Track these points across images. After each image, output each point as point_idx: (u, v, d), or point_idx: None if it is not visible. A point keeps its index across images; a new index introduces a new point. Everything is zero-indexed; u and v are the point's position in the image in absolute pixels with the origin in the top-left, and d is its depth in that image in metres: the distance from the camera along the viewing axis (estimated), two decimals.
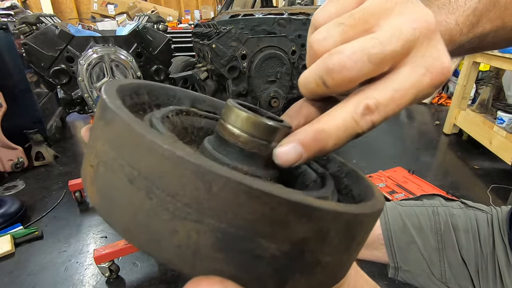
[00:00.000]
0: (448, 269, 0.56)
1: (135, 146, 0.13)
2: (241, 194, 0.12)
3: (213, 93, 1.69)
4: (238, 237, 0.12)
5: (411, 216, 0.61)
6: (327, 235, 0.13)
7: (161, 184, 0.12)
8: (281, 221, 0.12)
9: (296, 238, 0.13)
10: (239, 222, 0.12)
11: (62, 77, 1.15)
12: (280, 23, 1.61)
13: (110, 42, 1.17)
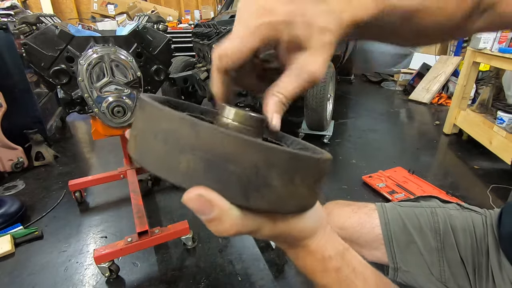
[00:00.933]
0: (448, 269, 0.57)
1: (157, 116, 0.21)
2: (216, 136, 0.19)
3: None
4: (216, 163, 0.19)
5: (411, 217, 0.61)
6: (272, 165, 0.20)
7: (171, 135, 0.20)
8: (241, 152, 0.19)
9: (250, 164, 0.19)
10: (216, 153, 0.19)
11: (62, 77, 1.15)
12: None
13: (110, 42, 1.17)
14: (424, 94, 3.66)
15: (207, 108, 0.31)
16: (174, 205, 1.75)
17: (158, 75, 1.33)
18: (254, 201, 0.20)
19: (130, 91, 1.24)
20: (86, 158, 2.44)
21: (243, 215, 0.21)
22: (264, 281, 1.23)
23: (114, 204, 1.78)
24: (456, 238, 0.57)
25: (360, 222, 0.63)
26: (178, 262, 1.34)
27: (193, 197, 0.20)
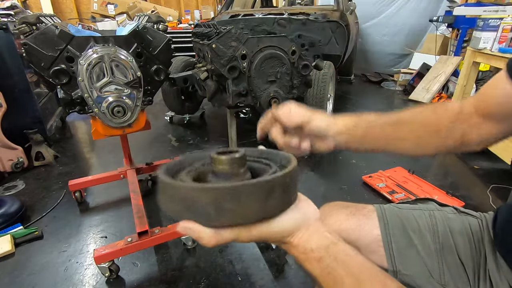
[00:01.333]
0: (447, 272, 0.56)
1: (164, 186, 0.33)
2: (184, 191, 0.31)
3: (213, 93, 1.69)
4: (189, 205, 0.30)
5: (410, 219, 0.61)
6: (221, 197, 0.29)
7: (169, 194, 0.33)
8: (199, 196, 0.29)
9: (206, 200, 0.29)
10: (188, 200, 0.30)
11: (62, 77, 1.15)
12: (280, 23, 1.61)
13: (110, 42, 1.17)
14: (424, 94, 3.66)
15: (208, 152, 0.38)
16: None
17: (158, 75, 1.33)
18: (218, 222, 0.30)
19: (130, 91, 1.24)
20: (86, 158, 2.44)
21: (215, 231, 0.30)
22: (264, 281, 1.23)
23: (114, 204, 1.78)
24: (455, 241, 0.57)
25: (359, 224, 0.63)
26: (178, 262, 1.34)
27: (180, 227, 0.31)
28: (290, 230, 0.32)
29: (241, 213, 0.29)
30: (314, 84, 2.21)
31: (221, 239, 0.30)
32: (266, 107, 1.56)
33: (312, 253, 0.31)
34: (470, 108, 0.51)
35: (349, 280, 0.30)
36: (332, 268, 0.30)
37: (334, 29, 2.36)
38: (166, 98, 2.82)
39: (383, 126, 0.51)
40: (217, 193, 0.28)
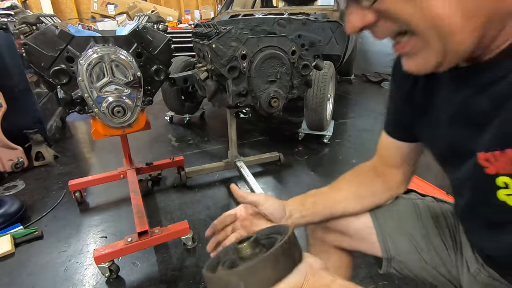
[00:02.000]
0: (436, 254, 0.62)
1: (210, 280, 0.42)
2: (214, 281, 0.41)
3: (213, 93, 1.69)
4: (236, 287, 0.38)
5: (396, 208, 0.67)
6: (241, 278, 0.38)
7: (215, 284, 0.41)
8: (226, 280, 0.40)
9: (234, 283, 0.38)
10: (234, 284, 0.38)
11: (62, 77, 1.15)
12: (280, 23, 1.61)
13: (110, 42, 1.17)
14: None
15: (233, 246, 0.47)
16: (174, 205, 1.75)
17: (158, 75, 1.33)
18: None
19: (130, 91, 1.24)
20: (86, 158, 2.44)
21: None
22: None
23: (114, 204, 1.78)
24: (437, 225, 0.63)
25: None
26: (178, 262, 1.34)
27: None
28: (301, 281, 0.39)
29: (262, 282, 0.39)
30: (314, 84, 2.21)
31: None
32: (266, 107, 1.56)
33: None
34: (380, 166, 0.68)
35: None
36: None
37: (334, 29, 2.36)
38: (166, 98, 2.82)
39: (324, 195, 0.64)
40: (240, 274, 0.39)
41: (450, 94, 0.46)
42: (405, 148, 0.63)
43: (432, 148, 0.55)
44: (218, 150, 2.44)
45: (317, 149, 2.45)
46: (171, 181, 2.00)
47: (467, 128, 0.44)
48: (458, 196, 0.53)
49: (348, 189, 0.65)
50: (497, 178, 0.40)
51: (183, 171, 1.92)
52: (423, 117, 0.54)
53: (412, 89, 0.54)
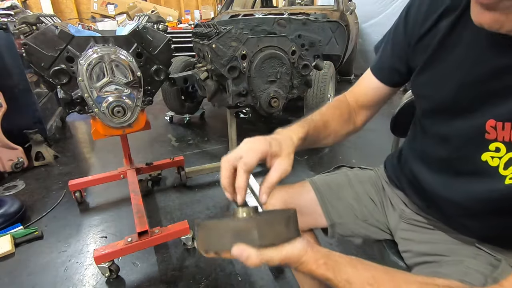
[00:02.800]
0: (365, 209, 0.76)
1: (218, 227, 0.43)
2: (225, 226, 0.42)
3: (213, 93, 1.69)
4: (237, 234, 0.40)
5: (332, 180, 0.81)
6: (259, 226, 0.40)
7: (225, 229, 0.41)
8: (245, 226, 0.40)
9: (251, 229, 0.40)
10: (236, 230, 0.40)
11: (62, 77, 1.15)
12: (280, 23, 1.61)
13: (110, 42, 1.17)
14: None
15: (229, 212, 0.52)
16: (174, 205, 1.75)
17: (158, 75, 1.33)
18: (260, 242, 0.40)
19: (130, 91, 1.24)
20: (86, 158, 2.44)
21: (260, 250, 0.40)
22: (264, 281, 1.23)
23: (114, 204, 1.78)
24: (364, 186, 0.79)
25: (296, 192, 0.79)
26: (178, 262, 1.34)
27: (234, 250, 0.39)
28: (304, 251, 0.42)
29: (276, 235, 0.41)
30: (314, 84, 2.21)
31: (263, 257, 0.40)
32: (266, 107, 1.56)
33: (320, 261, 0.42)
34: (352, 101, 0.75)
35: (349, 269, 0.42)
36: (335, 266, 0.42)
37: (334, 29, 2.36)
38: (166, 98, 2.82)
39: (318, 131, 0.64)
40: (258, 221, 0.41)
41: (481, 56, 0.46)
42: (383, 91, 0.69)
43: (428, 95, 0.57)
44: (218, 150, 2.44)
45: (317, 149, 2.45)
46: (171, 181, 2.00)
47: (487, 93, 0.46)
48: (439, 143, 0.57)
49: (333, 128, 0.69)
50: (492, 143, 0.47)
51: (183, 171, 1.92)
52: (430, 65, 0.55)
53: (425, 35, 0.55)
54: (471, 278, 0.53)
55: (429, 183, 0.61)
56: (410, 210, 0.71)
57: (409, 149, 0.69)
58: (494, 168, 0.47)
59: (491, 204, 0.50)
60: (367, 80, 0.71)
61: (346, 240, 1.36)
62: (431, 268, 0.60)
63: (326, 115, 0.68)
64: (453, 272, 0.55)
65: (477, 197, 0.51)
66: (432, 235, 0.66)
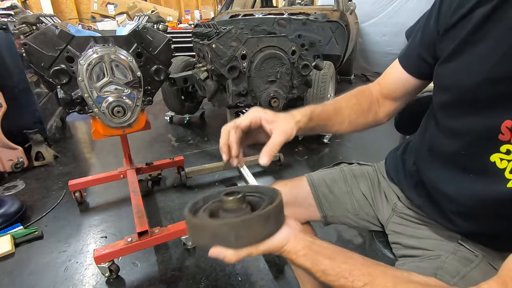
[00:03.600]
0: (357, 203, 0.79)
1: (199, 227, 0.44)
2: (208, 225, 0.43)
3: (213, 93, 1.69)
4: (215, 236, 0.42)
5: (328, 175, 0.83)
6: (234, 227, 0.41)
7: (203, 230, 0.43)
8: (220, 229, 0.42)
9: (226, 231, 0.41)
10: (211, 232, 0.42)
11: (62, 77, 1.15)
12: (280, 23, 1.61)
13: (110, 42, 1.17)
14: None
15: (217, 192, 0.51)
16: (174, 205, 1.75)
17: (158, 75, 1.33)
18: (236, 245, 0.42)
19: (130, 91, 1.24)
20: (86, 158, 2.44)
21: (236, 250, 0.42)
22: (264, 281, 1.23)
23: (114, 204, 1.78)
24: (358, 182, 0.81)
25: (294, 186, 0.82)
26: (178, 262, 1.34)
27: (211, 252, 0.43)
28: (285, 242, 0.44)
29: (253, 236, 0.42)
30: (314, 84, 2.21)
31: (240, 256, 0.42)
32: (266, 107, 1.56)
33: (300, 252, 0.44)
34: (377, 91, 0.72)
35: (326, 261, 0.43)
36: (315, 258, 0.43)
37: (334, 29, 2.36)
38: (166, 98, 2.82)
39: (327, 115, 0.65)
40: (234, 226, 0.41)
41: (510, 53, 0.44)
42: (411, 83, 0.66)
43: (448, 86, 0.54)
44: (218, 150, 2.42)
45: (317, 149, 2.45)
46: (171, 181, 2.00)
47: (509, 92, 0.45)
48: (449, 137, 0.56)
49: (347, 115, 0.68)
50: (504, 145, 0.46)
51: (183, 171, 1.92)
52: (456, 55, 0.52)
53: (456, 24, 0.52)
54: (444, 271, 0.55)
55: (430, 176, 0.61)
56: (403, 204, 0.73)
57: (419, 141, 0.68)
58: (501, 170, 0.46)
59: (487, 205, 0.50)
60: (394, 69, 0.68)
61: (346, 240, 1.37)
62: (414, 262, 0.62)
63: (340, 102, 0.68)
64: (430, 266, 0.57)
65: (476, 196, 0.51)
66: (420, 230, 0.68)
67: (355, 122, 0.70)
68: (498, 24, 0.46)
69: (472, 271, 0.55)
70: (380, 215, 0.78)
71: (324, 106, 0.65)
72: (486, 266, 0.56)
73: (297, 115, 0.58)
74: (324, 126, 0.65)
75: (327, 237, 1.44)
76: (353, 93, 0.72)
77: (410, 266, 0.61)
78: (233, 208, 0.45)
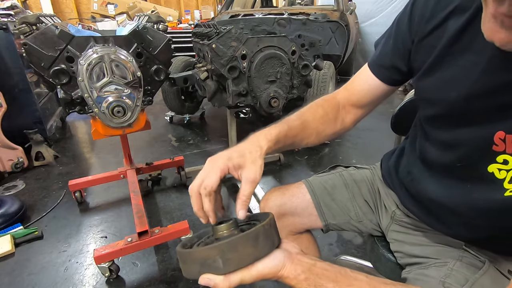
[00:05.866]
0: (359, 210, 0.77)
1: (187, 255, 0.42)
2: (194, 254, 0.42)
3: (213, 93, 1.69)
4: (202, 263, 0.40)
5: (327, 181, 0.80)
6: (220, 254, 0.39)
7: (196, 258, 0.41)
8: (207, 255, 0.40)
9: (213, 257, 0.39)
10: (199, 260, 0.41)
11: (62, 77, 1.15)
12: (280, 23, 1.61)
13: (110, 42, 1.17)
14: None
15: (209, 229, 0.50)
16: (174, 205, 1.75)
17: (158, 75, 1.33)
18: (225, 269, 0.39)
19: (130, 91, 1.24)
20: (86, 158, 2.44)
21: (225, 277, 0.40)
22: (264, 281, 1.23)
23: (114, 204, 1.78)
24: (359, 187, 0.79)
25: (293, 195, 0.79)
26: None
27: (201, 279, 0.41)
28: (280, 266, 0.42)
29: (241, 258, 0.40)
30: (314, 84, 2.21)
31: (231, 283, 0.40)
32: (266, 107, 1.56)
33: (300, 277, 0.41)
34: (343, 99, 0.71)
35: (330, 285, 0.40)
36: (317, 281, 0.41)
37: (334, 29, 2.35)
38: (166, 98, 2.82)
39: (294, 132, 0.62)
40: (220, 249, 0.39)
41: (492, 66, 0.43)
42: (380, 90, 0.66)
43: (432, 100, 0.54)
44: (218, 150, 2.41)
45: (317, 149, 2.45)
46: (171, 181, 2.00)
47: (497, 104, 0.43)
48: (442, 149, 0.55)
49: (314, 127, 0.66)
50: (500, 155, 0.45)
51: (183, 171, 1.92)
52: (435, 68, 0.51)
53: (430, 33, 0.51)
54: (453, 280, 0.53)
55: (426, 186, 0.60)
56: (401, 212, 0.71)
57: (410, 149, 0.67)
58: (500, 180, 0.46)
59: (488, 215, 0.50)
60: (364, 76, 0.67)
61: (346, 241, 1.36)
62: (420, 269, 0.60)
63: (305, 115, 0.65)
64: (437, 274, 0.56)
65: (475, 206, 0.50)
66: (421, 237, 0.66)
67: (323, 133, 0.68)
68: (475, 37, 0.44)
69: (481, 278, 0.54)
70: (380, 223, 0.77)
71: (290, 122, 0.62)
72: (494, 272, 0.55)
73: (263, 143, 0.54)
74: (292, 144, 0.63)
75: (326, 239, 1.44)
76: (319, 103, 0.69)
77: (416, 274, 0.60)
78: (224, 235, 0.43)
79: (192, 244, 0.49)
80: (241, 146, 0.53)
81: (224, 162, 0.50)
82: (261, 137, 0.55)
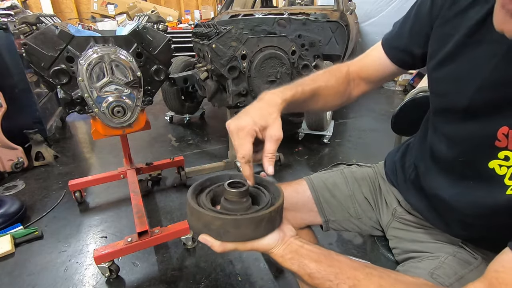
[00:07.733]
0: (359, 207, 0.78)
1: (195, 212, 0.46)
2: (204, 215, 0.45)
3: (213, 93, 1.69)
4: (206, 225, 0.45)
5: (328, 179, 0.81)
6: (227, 224, 0.44)
7: (202, 219, 0.45)
8: (213, 220, 0.44)
9: (218, 224, 0.44)
10: (205, 222, 0.45)
11: (62, 77, 1.15)
12: (280, 23, 1.61)
13: (110, 42, 1.17)
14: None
15: (223, 176, 0.55)
16: (174, 205, 1.75)
17: (158, 75, 1.33)
18: (224, 239, 0.44)
19: (130, 91, 1.24)
20: (86, 158, 2.44)
21: (222, 243, 0.45)
22: (264, 281, 1.23)
23: (114, 204, 1.78)
24: (359, 184, 0.79)
25: (294, 190, 0.80)
26: (178, 262, 1.34)
27: (200, 238, 0.46)
28: (273, 245, 0.46)
29: (239, 235, 0.44)
30: None
31: (226, 248, 0.45)
32: None
33: (286, 256, 0.46)
34: (354, 71, 0.72)
35: (312, 265, 0.44)
36: (301, 261, 0.45)
37: (334, 29, 2.35)
38: (166, 98, 2.82)
39: (305, 97, 0.63)
40: (224, 222, 0.43)
41: (507, 59, 0.43)
42: (389, 70, 0.66)
43: (444, 92, 0.54)
44: (218, 150, 2.44)
45: (317, 149, 2.45)
46: (171, 181, 2.00)
47: (506, 98, 0.44)
48: (446, 143, 0.55)
49: (323, 97, 0.67)
50: (501, 151, 0.45)
51: (183, 171, 1.92)
52: (451, 59, 0.51)
53: (450, 20, 0.51)
54: (441, 272, 0.55)
55: (430, 181, 0.60)
56: (403, 208, 0.72)
57: (419, 144, 0.67)
58: (501, 176, 0.46)
59: (486, 211, 0.50)
60: (376, 54, 0.67)
61: (346, 241, 1.37)
62: (413, 263, 0.62)
63: (318, 82, 0.66)
64: (428, 266, 0.57)
65: (475, 203, 0.51)
66: (421, 234, 0.68)
67: (330, 104, 0.70)
68: (492, 28, 0.44)
69: (470, 273, 0.55)
70: (380, 220, 0.77)
71: (304, 86, 0.62)
72: (485, 269, 0.56)
73: (279, 102, 0.55)
74: (298, 107, 0.64)
75: (327, 238, 1.44)
76: (333, 72, 0.69)
77: (408, 266, 0.61)
78: (233, 200, 0.47)
79: (203, 187, 0.53)
80: (259, 107, 0.53)
81: (252, 128, 0.51)
82: (277, 96, 0.56)
